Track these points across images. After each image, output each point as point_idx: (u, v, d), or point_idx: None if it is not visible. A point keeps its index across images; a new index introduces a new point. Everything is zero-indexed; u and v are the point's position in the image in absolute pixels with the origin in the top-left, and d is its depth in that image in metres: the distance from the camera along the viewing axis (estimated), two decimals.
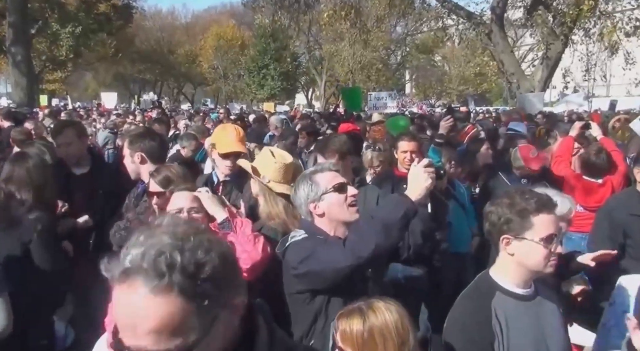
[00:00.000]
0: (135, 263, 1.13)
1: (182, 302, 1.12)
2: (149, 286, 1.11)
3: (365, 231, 2.54)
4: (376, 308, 2.10)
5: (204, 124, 13.98)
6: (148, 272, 1.11)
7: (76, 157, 4.56)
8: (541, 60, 22.65)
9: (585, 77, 25.56)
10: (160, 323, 1.11)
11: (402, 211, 2.50)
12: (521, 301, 2.35)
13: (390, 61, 51.70)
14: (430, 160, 2.66)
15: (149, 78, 59.48)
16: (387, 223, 2.50)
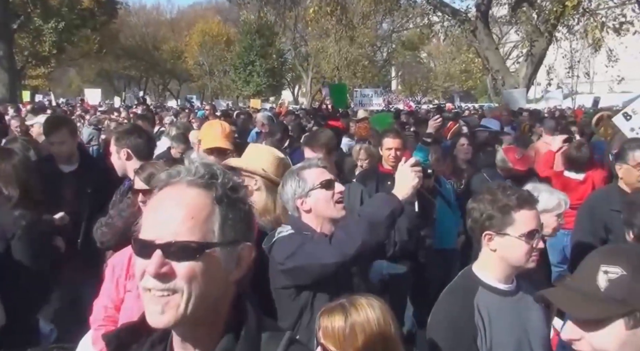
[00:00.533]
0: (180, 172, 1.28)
1: (212, 203, 1.25)
2: (188, 181, 1.26)
3: (351, 228, 2.57)
4: (358, 305, 2.11)
5: (190, 120, 13.96)
6: (190, 173, 1.27)
7: (68, 155, 4.55)
8: (525, 57, 22.80)
9: (569, 74, 25.78)
10: (190, 209, 1.23)
11: (389, 209, 2.54)
12: (503, 297, 2.38)
13: (376, 58, 51.78)
14: (417, 159, 2.70)
15: (133, 74, 58.95)
16: (374, 221, 2.53)
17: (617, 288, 1.40)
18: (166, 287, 1.20)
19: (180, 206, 1.23)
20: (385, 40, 49.82)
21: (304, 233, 2.71)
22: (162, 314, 1.21)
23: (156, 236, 1.21)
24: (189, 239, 1.21)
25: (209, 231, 1.24)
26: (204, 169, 1.28)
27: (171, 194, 1.26)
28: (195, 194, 1.25)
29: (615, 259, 1.44)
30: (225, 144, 3.89)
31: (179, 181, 1.27)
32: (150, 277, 1.20)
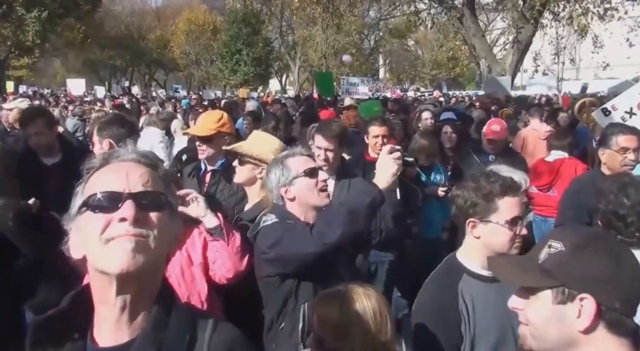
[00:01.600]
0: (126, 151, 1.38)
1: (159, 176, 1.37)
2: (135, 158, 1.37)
3: (331, 218, 2.58)
4: (355, 294, 2.11)
5: (176, 110, 13.88)
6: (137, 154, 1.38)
7: (46, 147, 4.47)
8: (512, 44, 22.86)
9: (555, 60, 25.90)
10: (148, 174, 1.33)
11: (369, 198, 2.54)
12: (487, 283, 2.38)
13: (363, 46, 51.61)
14: (394, 146, 2.68)
15: (119, 64, 58.39)
16: (354, 210, 2.53)
17: (551, 261, 1.43)
18: (139, 232, 1.25)
19: (139, 170, 1.34)
20: (372, 28, 49.66)
21: (288, 221, 2.71)
22: (133, 254, 1.24)
23: (123, 188, 1.28)
24: (156, 190, 1.33)
25: (165, 189, 1.37)
26: (146, 153, 1.40)
27: (125, 164, 1.35)
28: (144, 167, 1.36)
29: (562, 236, 1.48)
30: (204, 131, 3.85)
31: (128, 159, 1.36)
32: (122, 224, 1.25)
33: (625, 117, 5.50)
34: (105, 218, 1.26)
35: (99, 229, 1.25)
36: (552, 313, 1.42)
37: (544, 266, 1.44)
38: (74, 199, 1.34)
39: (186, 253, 2.70)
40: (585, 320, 1.37)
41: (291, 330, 2.65)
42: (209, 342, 1.36)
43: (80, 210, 1.30)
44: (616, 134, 3.97)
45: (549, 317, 1.43)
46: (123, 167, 1.33)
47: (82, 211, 1.29)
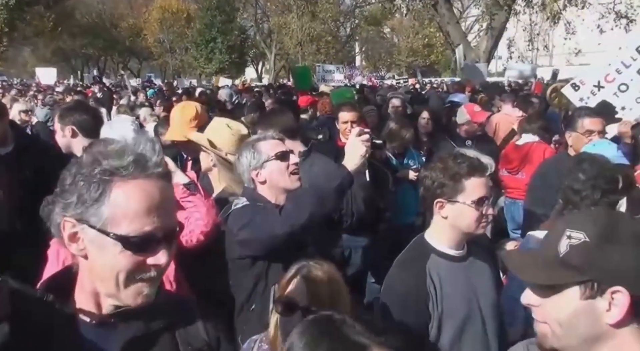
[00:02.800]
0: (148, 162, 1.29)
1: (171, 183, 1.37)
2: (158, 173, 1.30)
3: (300, 199, 2.60)
4: (322, 265, 2.18)
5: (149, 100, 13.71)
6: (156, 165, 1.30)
7: None
8: (486, 30, 23.01)
9: (529, 47, 26.14)
10: (173, 198, 1.37)
11: (338, 180, 2.56)
12: (454, 262, 2.43)
13: (339, 33, 51.49)
14: (363, 129, 2.69)
15: (91, 53, 57.31)
16: (322, 192, 2.56)
17: (576, 254, 1.33)
18: (162, 271, 1.31)
19: (168, 195, 1.33)
20: (348, 16, 49.56)
21: (258, 204, 2.73)
22: (151, 295, 1.30)
23: (158, 227, 1.26)
24: (176, 222, 1.35)
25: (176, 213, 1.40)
26: (159, 158, 1.32)
27: (153, 185, 1.29)
28: (167, 184, 1.33)
29: (582, 224, 1.36)
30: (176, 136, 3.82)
31: (151, 173, 1.29)
32: (153, 268, 1.28)
33: (594, 90, 5.60)
34: (138, 260, 1.26)
35: (129, 269, 1.26)
36: (580, 309, 1.32)
37: (569, 261, 1.33)
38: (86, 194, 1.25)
39: None
40: (618, 313, 1.29)
41: (261, 311, 2.68)
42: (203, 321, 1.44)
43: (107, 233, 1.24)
44: (582, 117, 4.05)
45: (577, 313, 1.33)
46: (157, 192, 1.28)
47: (110, 236, 1.24)
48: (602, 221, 1.36)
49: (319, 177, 2.72)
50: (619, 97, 5.45)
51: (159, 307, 1.34)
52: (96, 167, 1.24)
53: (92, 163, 1.26)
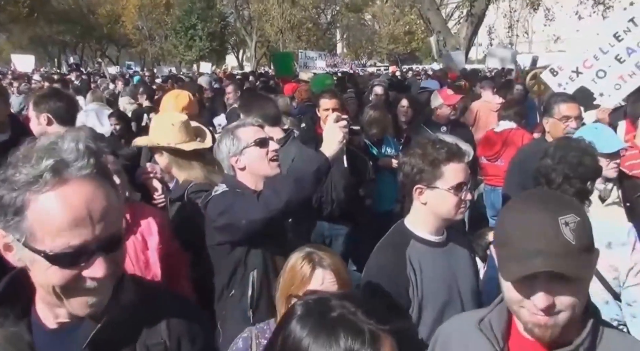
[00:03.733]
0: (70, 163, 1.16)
1: (110, 185, 1.22)
2: (85, 174, 1.16)
3: (277, 185, 2.61)
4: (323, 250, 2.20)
5: None
6: (84, 166, 1.16)
7: None
8: (466, 17, 23.06)
9: (509, 33, 26.29)
10: (106, 202, 1.18)
11: (316, 166, 2.56)
12: (434, 248, 2.44)
13: (320, 20, 51.24)
14: (340, 115, 2.69)
15: (68, 40, 56.32)
16: (300, 177, 2.56)
17: (582, 236, 1.36)
18: (107, 281, 1.20)
19: (98, 201, 1.17)
20: (328, 2, 49.31)
21: (237, 190, 2.74)
22: (98, 304, 1.21)
23: (89, 238, 1.15)
24: (118, 229, 1.22)
25: (121, 214, 1.27)
26: (90, 156, 1.19)
27: (77, 192, 1.15)
28: (97, 186, 1.19)
29: (561, 207, 1.39)
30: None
31: (74, 177, 1.16)
32: (91, 281, 1.18)
33: (572, 76, 5.62)
34: (70, 274, 1.16)
35: (61, 284, 1.17)
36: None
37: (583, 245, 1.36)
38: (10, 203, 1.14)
39: (141, 237, 2.66)
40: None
41: (240, 297, 2.70)
42: (168, 315, 1.35)
43: (32, 249, 1.14)
44: (558, 103, 4.08)
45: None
46: (82, 200, 1.15)
47: (35, 252, 1.14)
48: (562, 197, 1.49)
49: (297, 162, 2.71)
50: (597, 83, 5.48)
51: (119, 310, 1.27)
52: (16, 174, 1.13)
53: (13, 169, 1.15)
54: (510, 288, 1.41)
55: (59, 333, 1.26)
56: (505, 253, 1.41)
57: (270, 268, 2.73)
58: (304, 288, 2.05)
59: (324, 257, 2.14)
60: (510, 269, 1.37)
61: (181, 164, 3.27)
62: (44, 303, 1.28)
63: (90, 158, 1.18)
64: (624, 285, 2.56)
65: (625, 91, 5.37)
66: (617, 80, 5.41)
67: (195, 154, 3.27)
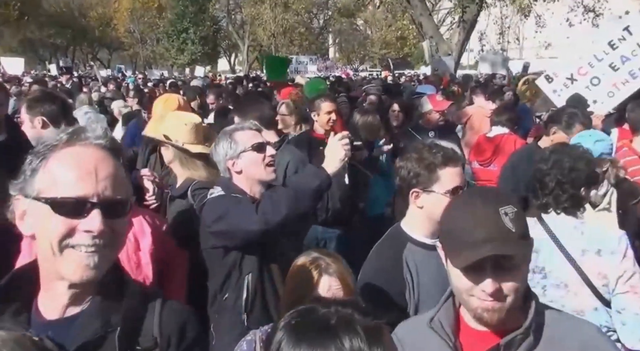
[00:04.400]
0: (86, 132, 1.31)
1: (120, 164, 1.33)
2: (98, 143, 1.30)
3: (278, 198, 2.60)
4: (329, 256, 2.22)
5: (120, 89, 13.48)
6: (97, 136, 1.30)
7: None
8: (458, 23, 23.19)
9: (500, 39, 26.45)
10: (114, 169, 1.28)
11: (317, 183, 2.58)
12: (430, 251, 2.43)
13: (313, 25, 51.39)
14: (346, 133, 2.70)
15: (60, 43, 56.08)
16: (301, 192, 2.58)
17: (520, 224, 1.51)
18: (103, 243, 1.24)
19: (108, 165, 1.28)
20: (321, 7, 49.47)
21: (233, 195, 2.73)
22: (93, 269, 1.25)
23: (92, 193, 1.23)
24: (121, 197, 1.29)
25: (128, 189, 1.33)
26: (108, 134, 1.33)
27: (92, 153, 1.28)
28: (108, 155, 1.30)
29: (500, 200, 1.54)
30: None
31: (89, 142, 1.29)
32: (86, 235, 1.22)
33: (567, 83, 5.66)
34: (68, 224, 1.23)
35: (59, 234, 1.23)
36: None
37: (521, 233, 1.51)
38: (28, 168, 1.28)
39: (133, 238, 2.63)
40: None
41: (234, 301, 2.70)
42: (159, 316, 1.36)
43: (40, 199, 1.24)
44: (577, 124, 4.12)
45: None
46: (91, 159, 1.26)
47: (42, 201, 1.24)
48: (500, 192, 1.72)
49: (298, 177, 2.72)
50: (591, 90, 5.53)
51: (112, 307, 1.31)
52: (44, 144, 1.29)
53: (43, 143, 1.30)
54: (460, 278, 1.53)
55: (58, 325, 1.29)
56: (454, 243, 1.55)
57: (265, 272, 2.73)
58: (310, 294, 2.05)
59: (330, 263, 2.14)
60: (462, 257, 1.50)
61: (184, 162, 3.28)
62: (45, 291, 1.31)
63: (107, 134, 1.32)
64: (614, 292, 2.55)
65: (618, 98, 5.43)
66: (611, 87, 5.46)
67: (200, 155, 3.29)
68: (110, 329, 1.28)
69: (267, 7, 40.56)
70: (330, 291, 2.07)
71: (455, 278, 1.56)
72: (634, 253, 2.58)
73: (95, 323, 1.28)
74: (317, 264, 2.13)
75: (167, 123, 3.42)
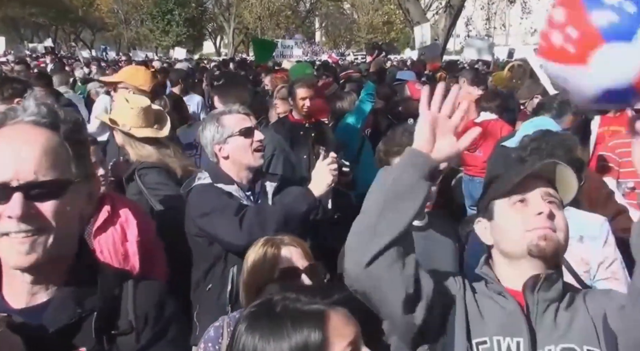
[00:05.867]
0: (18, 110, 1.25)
1: (62, 141, 1.25)
2: (32, 120, 1.24)
3: (265, 216, 2.57)
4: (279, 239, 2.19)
5: None
6: (33, 113, 1.24)
7: None
8: (445, 8, 23.12)
9: (486, 25, 26.46)
10: (43, 148, 1.20)
11: (305, 207, 2.59)
12: (416, 232, 2.43)
13: (299, 8, 50.95)
14: (334, 157, 2.67)
15: (42, 22, 54.98)
16: (289, 214, 2.57)
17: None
18: (32, 228, 1.19)
19: (33, 144, 1.20)
20: None
21: (219, 186, 2.70)
22: (28, 254, 1.20)
23: (11, 177, 1.17)
24: (51, 177, 1.20)
25: (66, 168, 1.25)
26: (46, 109, 1.26)
27: (17, 132, 1.22)
28: (42, 133, 1.23)
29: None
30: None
31: (21, 121, 1.24)
32: (11, 221, 1.17)
33: None
34: None
35: None
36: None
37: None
38: None
39: (119, 228, 2.61)
40: None
41: (219, 292, 2.65)
42: (133, 297, 1.34)
43: None
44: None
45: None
46: (18, 140, 1.20)
47: None
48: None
49: (285, 197, 2.69)
50: None
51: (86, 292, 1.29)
52: None
53: None
54: (513, 215, 1.65)
55: (28, 313, 1.25)
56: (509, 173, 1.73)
57: None
58: (276, 271, 2.05)
59: (282, 238, 2.15)
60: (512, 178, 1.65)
61: (133, 145, 3.27)
62: (7, 280, 1.29)
63: (42, 108, 1.25)
64: (595, 279, 2.58)
65: None
66: None
67: (149, 138, 3.29)
68: (85, 314, 1.26)
69: None
70: (294, 259, 2.07)
71: (507, 223, 1.66)
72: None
73: (69, 309, 1.25)
74: (271, 243, 2.13)
75: (115, 107, 3.48)
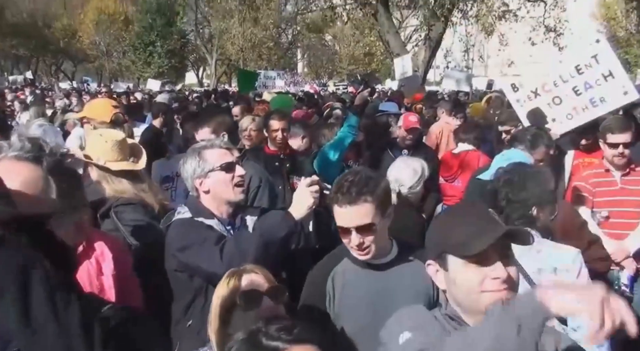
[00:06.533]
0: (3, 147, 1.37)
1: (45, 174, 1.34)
2: (15, 155, 1.34)
3: (245, 243, 2.52)
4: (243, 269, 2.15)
5: None
6: (16, 148, 1.35)
7: None
8: (424, 40, 23.52)
9: (465, 57, 26.94)
10: (25, 182, 1.29)
11: (285, 231, 2.53)
12: (366, 270, 2.41)
13: (281, 40, 51.55)
14: (314, 179, 2.61)
15: (22, 54, 54.84)
16: (269, 239, 2.51)
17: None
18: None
19: (14, 181, 1.27)
20: (289, 22, 49.65)
21: (199, 220, 2.67)
22: None
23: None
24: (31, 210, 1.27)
25: (48, 201, 1.34)
26: (30, 144, 1.35)
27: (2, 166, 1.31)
28: (24, 167, 1.32)
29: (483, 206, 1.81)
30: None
31: (4, 157, 1.34)
32: None
33: (530, 96, 5.69)
34: None
35: None
36: None
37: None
38: None
39: (95, 262, 2.53)
40: None
41: (200, 328, 2.53)
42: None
43: None
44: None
45: None
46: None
47: None
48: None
49: (265, 223, 2.64)
50: (552, 108, 5.58)
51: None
52: None
53: None
54: (469, 276, 1.58)
55: None
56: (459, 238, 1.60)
57: None
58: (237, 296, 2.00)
59: (244, 268, 2.11)
60: (475, 244, 1.55)
61: (109, 180, 3.20)
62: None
63: (27, 144, 1.35)
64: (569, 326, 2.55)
65: (576, 122, 5.50)
66: (571, 110, 5.52)
67: (125, 172, 3.22)
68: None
69: (236, 21, 40.51)
70: (254, 283, 2.03)
71: (462, 280, 1.60)
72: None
73: None
74: (232, 274, 2.08)
75: (88, 142, 3.39)
